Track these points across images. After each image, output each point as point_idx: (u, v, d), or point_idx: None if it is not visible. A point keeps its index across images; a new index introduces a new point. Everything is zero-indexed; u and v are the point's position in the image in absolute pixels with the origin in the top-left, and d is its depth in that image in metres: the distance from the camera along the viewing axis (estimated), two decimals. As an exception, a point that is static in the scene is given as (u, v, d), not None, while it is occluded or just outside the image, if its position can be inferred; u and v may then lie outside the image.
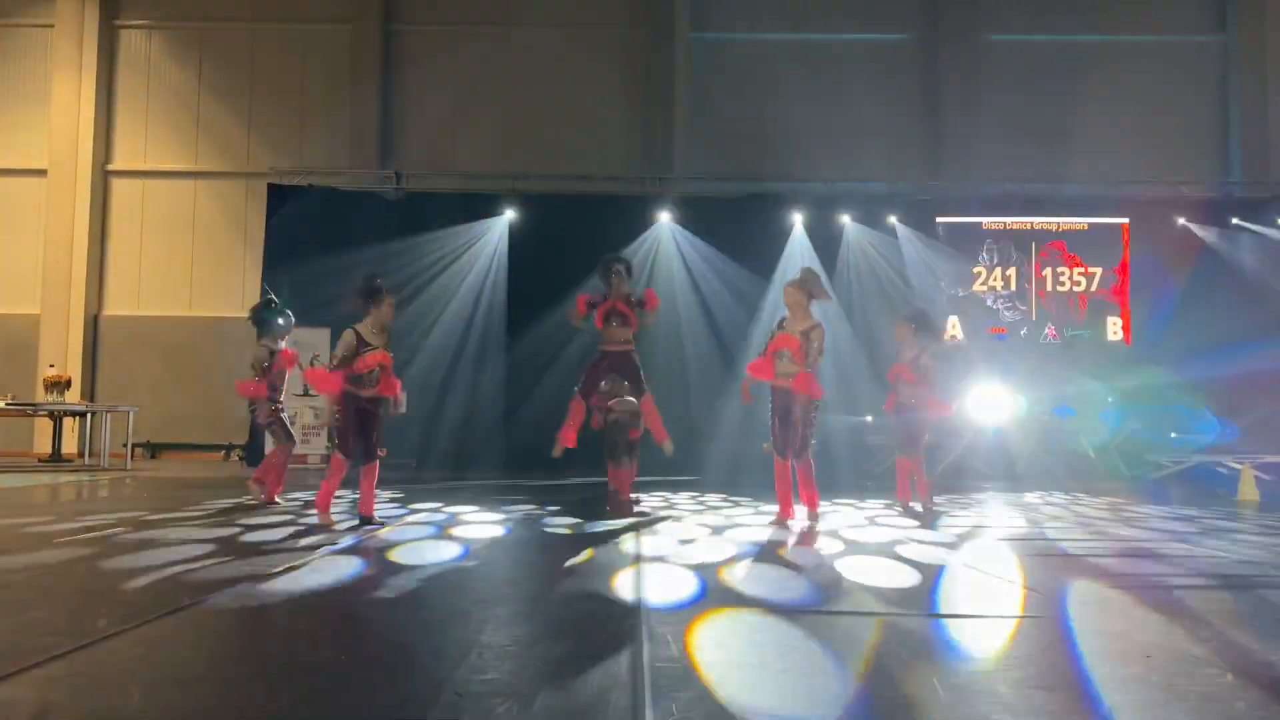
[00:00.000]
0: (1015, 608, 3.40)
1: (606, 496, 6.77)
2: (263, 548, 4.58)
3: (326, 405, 5.96)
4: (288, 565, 4.01)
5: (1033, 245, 12.55)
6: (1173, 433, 11.69)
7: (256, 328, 7.34)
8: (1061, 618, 3.18)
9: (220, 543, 4.74)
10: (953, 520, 6.29)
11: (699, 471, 10.48)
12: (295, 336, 7.63)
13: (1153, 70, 14.10)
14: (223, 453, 13.38)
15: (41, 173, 14.24)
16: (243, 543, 4.76)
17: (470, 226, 12.28)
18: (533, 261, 11.80)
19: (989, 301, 12.53)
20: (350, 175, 13.23)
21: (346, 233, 11.61)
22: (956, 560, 4.47)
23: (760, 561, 4.35)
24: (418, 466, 11.35)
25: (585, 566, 4.19)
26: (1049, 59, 14.18)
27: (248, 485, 7.17)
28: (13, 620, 2.91)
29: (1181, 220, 12.46)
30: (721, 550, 4.66)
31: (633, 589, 3.56)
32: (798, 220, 12.36)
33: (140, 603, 3.16)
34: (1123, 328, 12.39)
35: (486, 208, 12.34)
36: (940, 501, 7.54)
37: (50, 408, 11.60)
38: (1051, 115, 13.87)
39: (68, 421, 12.39)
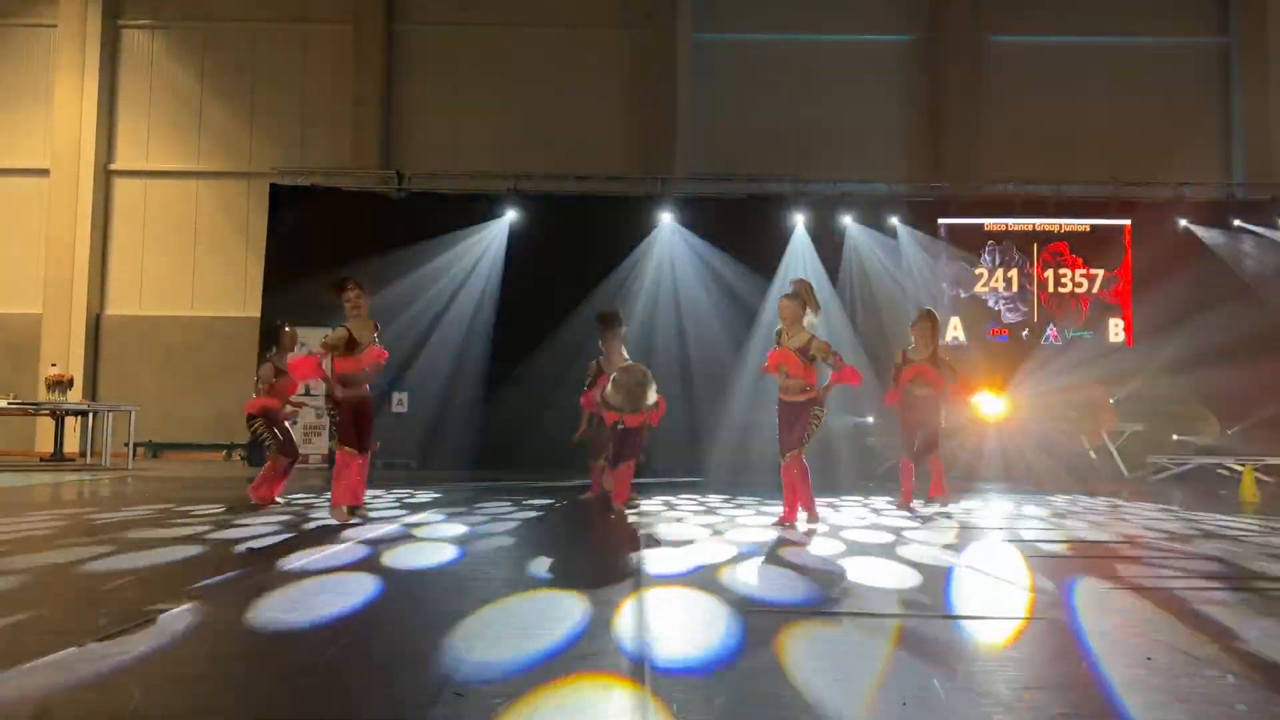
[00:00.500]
0: (1015, 609, 3.40)
1: (602, 500, 6.78)
2: (263, 547, 4.57)
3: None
4: (288, 564, 4.01)
5: (1035, 247, 12.55)
6: (1174, 433, 11.69)
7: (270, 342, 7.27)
8: (1062, 619, 3.18)
9: (221, 542, 4.74)
10: (953, 521, 6.28)
11: (701, 473, 10.48)
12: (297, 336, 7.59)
13: (1154, 72, 14.11)
14: (224, 452, 13.40)
15: (44, 172, 14.26)
16: (244, 542, 4.76)
17: (472, 226, 12.29)
18: (534, 260, 11.81)
19: (991, 303, 12.53)
20: (352, 175, 13.26)
21: (348, 233, 11.63)
22: (957, 561, 4.47)
23: (758, 563, 4.35)
24: (418, 466, 11.35)
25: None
26: (1051, 61, 14.18)
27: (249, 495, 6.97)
28: (14, 619, 2.91)
29: (1183, 222, 12.46)
30: (721, 551, 4.66)
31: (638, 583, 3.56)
32: (799, 221, 12.36)
33: (141, 601, 3.16)
34: (1124, 329, 12.39)
35: (488, 208, 12.36)
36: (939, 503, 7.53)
37: (52, 407, 11.62)
38: (1054, 117, 13.88)
39: (70, 421, 12.40)
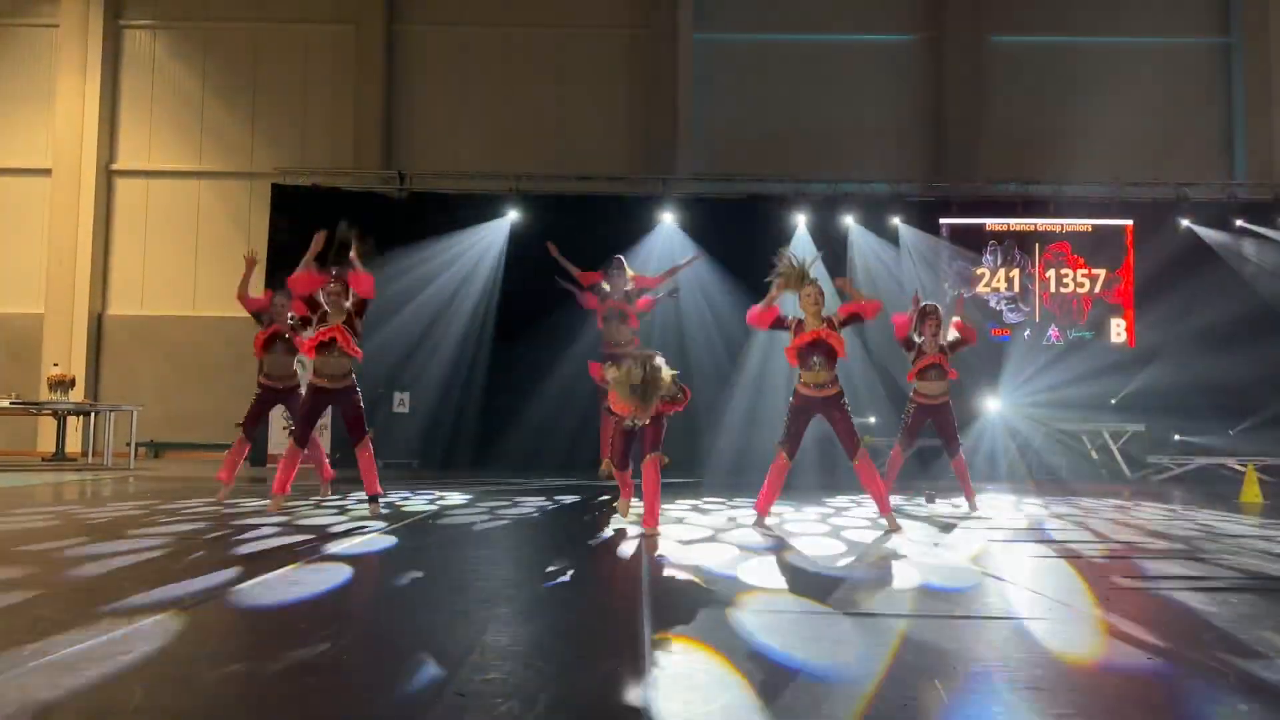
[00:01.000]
0: (1017, 608, 3.40)
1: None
2: (264, 546, 4.58)
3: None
4: (290, 563, 4.01)
5: (1036, 247, 12.54)
6: (1176, 434, 11.68)
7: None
8: (1063, 618, 3.18)
9: (223, 541, 4.75)
10: (954, 520, 6.28)
11: (700, 473, 10.48)
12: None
13: (1156, 72, 14.08)
14: (226, 452, 13.38)
15: (46, 172, 14.27)
16: (245, 541, 4.77)
17: (473, 226, 12.29)
18: (535, 261, 11.80)
19: (992, 303, 12.53)
20: (354, 175, 13.26)
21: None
22: (957, 561, 4.47)
23: (759, 562, 4.35)
24: (419, 467, 11.36)
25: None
26: (1053, 61, 14.17)
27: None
28: (15, 618, 2.92)
29: (1185, 222, 12.44)
30: (722, 552, 4.66)
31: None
32: (800, 222, 12.35)
33: (142, 600, 3.16)
34: (1126, 329, 12.37)
35: (489, 208, 12.35)
36: (940, 502, 7.54)
37: (54, 407, 11.63)
38: (1055, 117, 13.86)
39: (71, 421, 12.41)
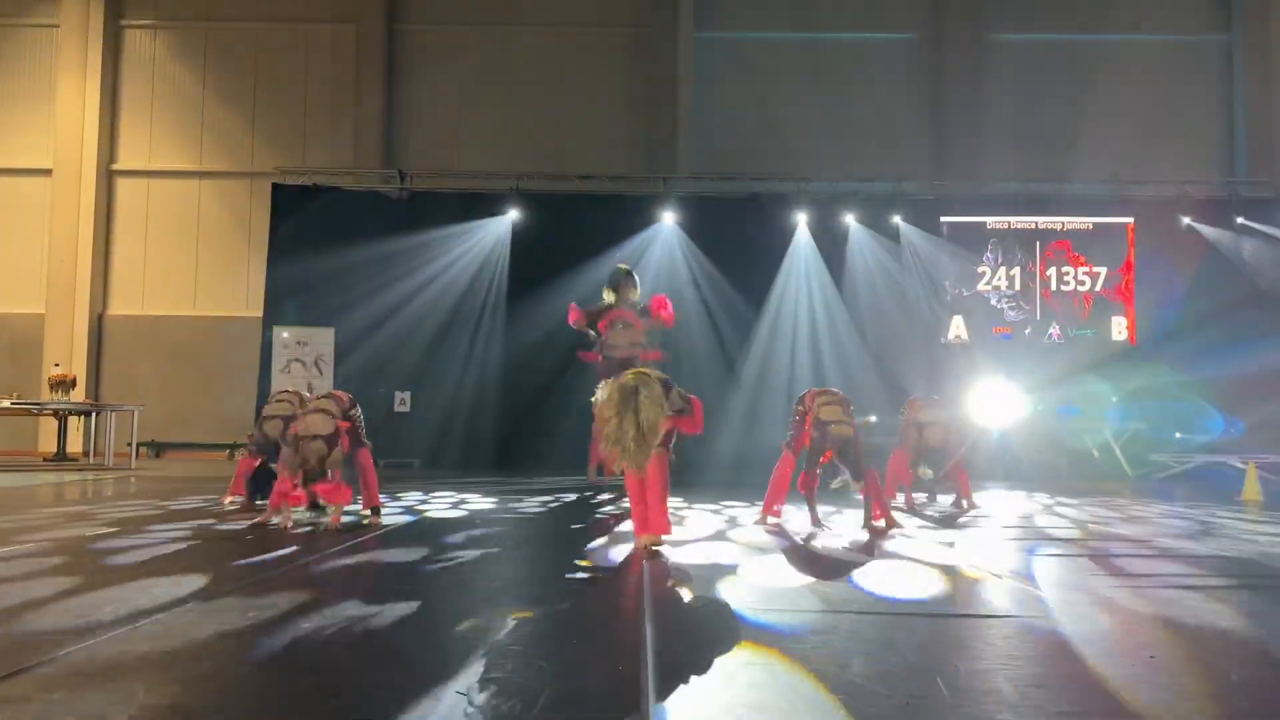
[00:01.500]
0: (1018, 607, 3.40)
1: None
2: (266, 547, 4.58)
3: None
4: (291, 564, 4.02)
5: (1037, 245, 12.54)
6: (1177, 432, 11.68)
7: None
8: (1065, 617, 3.18)
9: (222, 541, 4.75)
10: (956, 519, 6.28)
11: (701, 474, 10.47)
12: (299, 335, 7.57)
13: (1157, 69, 14.07)
14: (227, 452, 13.40)
15: (46, 172, 14.28)
16: (245, 542, 4.77)
17: (474, 226, 12.30)
18: (535, 261, 11.82)
19: (993, 301, 12.53)
20: (354, 175, 13.26)
21: (350, 232, 11.64)
22: (959, 559, 4.47)
23: (759, 561, 4.35)
24: (421, 466, 11.36)
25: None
26: (1054, 58, 14.16)
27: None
28: (16, 619, 2.92)
29: (1186, 219, 12.44)
30: (722, 551, 4.66)
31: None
32: (801, 220, 12.36)
33: (144, 600, 3.16)
34: (1127, 327, 12.37)
35: (490, 207, 12.36)
36: (941, 501, 7.53)
37: (55, 407, 11.64)
38: (1056, 115, 13.85)
39: (72, 421, 12.42)
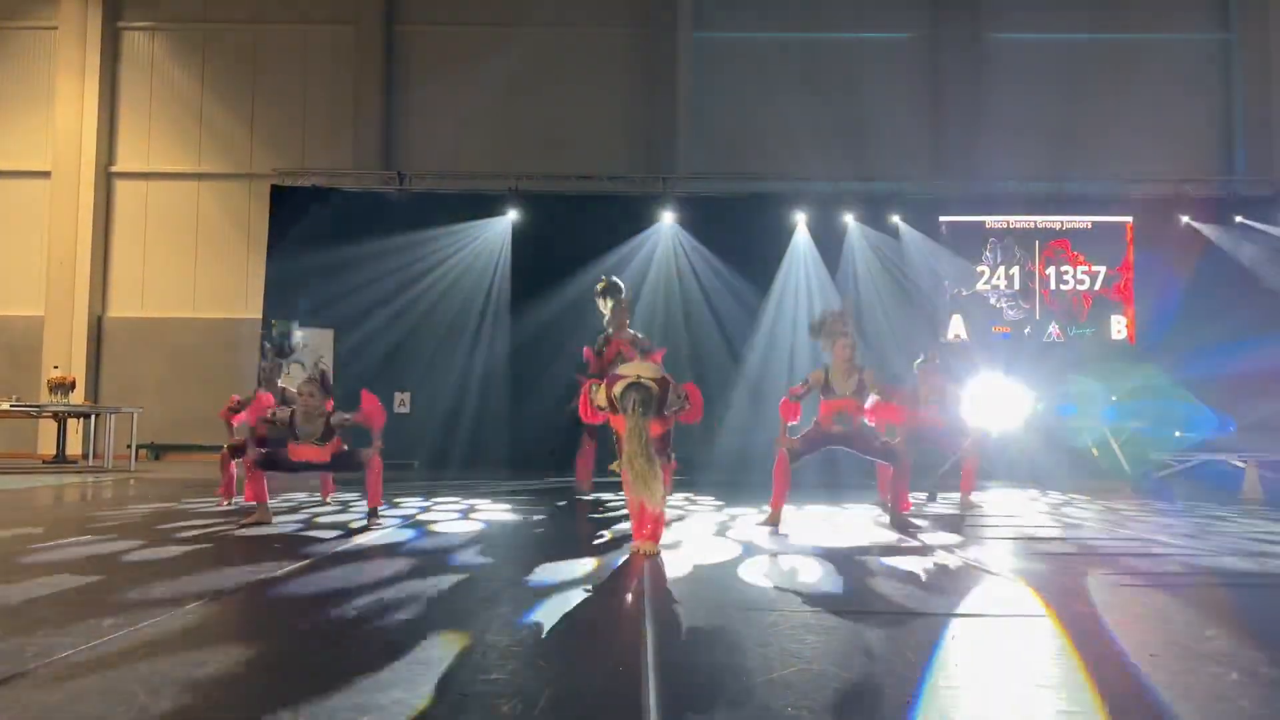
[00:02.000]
0: (1018, 606, 3.40)
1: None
2: (266, 549, 4.58)
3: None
4: (291, 566, 4.02)
5: (1036, 244, 12.54)
6: (1176, 431, 11.67)
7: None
8: (1065, 616, 3.18)
9: (223, 543, 4.75)
10: (955, 519, 6.28)
11: (701, 474, 10.47)
12: (300, 337, 7.61)
13: (1156, 68, 14.07)
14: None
15: (45, 174, 14.27)
16: (246, 544, 4.77)
17: (473, 226, 12.29)
18: (536, 261, 11.81)
19: (992, 300, 12.53)
20: (353, 176, 13.25)
21: (350, 233, 11.63)
22: (959, 558, 4.47)
23: (760, 562, 4.35)
24: (420, 468, 11.36)
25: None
26: (1052, 57, 14.15)
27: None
28: (16, 622, 2.92)
29: (1185, 218, 12.44)
30: (730, 548, 4.66)
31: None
32: (800, 220, 12.35)
33: (145, 603, 3.16)
34: (1127, 326, 12.38)
35: (489, 208, 12.35)
36: (941, 500, 7.54)
37: (54, 409, 11.63)
38: (1055, 114, 13.85)
39: (72, 423, 12.41)
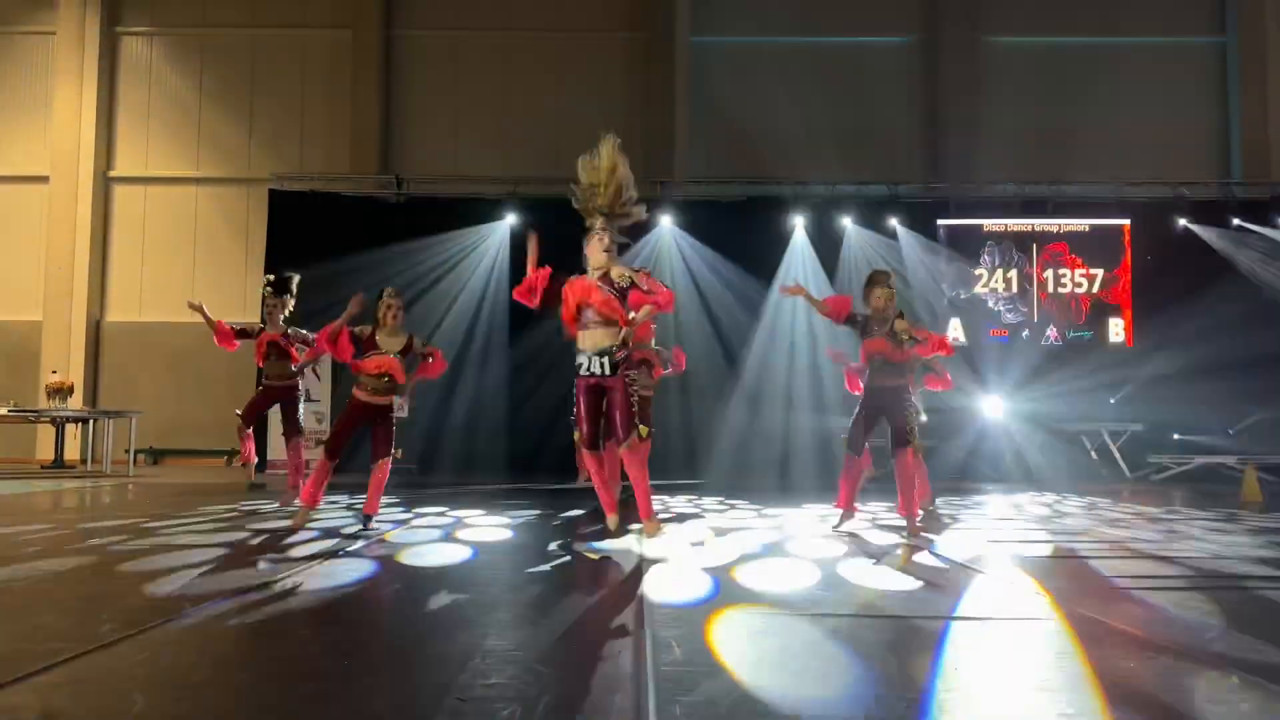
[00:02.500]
0: (1018, 610, 3.39)
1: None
2: (265, 553, 4.57)
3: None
4: (291, 571, 4.01)
5: (1034, 247, 12.56)
6: (1175, 433, 11.69)
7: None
8: (1065, 619, 3.18)
9: (223, 548, 4.74)
10: (954, 522, 6.28)
11: (701, 475, 10.48)
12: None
13: (1153, 72, 14.11)
14: (225, 458, 13.38)
15: (43, 179, 14.27)
16: (245, 547, 4.76)
17: (472, 231, 12.31)
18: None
19: (990, 304, 12.54)
20: (351, 180, 13.26)
21: (348, 238, 11.64)
22: (958, 562, 4.47)
23: (760, 563, 4.34)
24: (420, 471, 11.35)
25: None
26: (1050, 61, 14.19)
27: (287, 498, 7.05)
28: (16, 626, 2.91)
29: (1183, 221, 12.46)
30: (729, 551, 4.66)
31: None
32: (799, 223, 12.37)
33: (144, 608, 3.15)
34: (1125, 329, 12.39)
35: (488, 212, 12.37)
36: (940, 504, 7.53)
37: (53, 414, 11.61)
38: (1052, 117, 13.88)
39: (70, 428, 12.39)
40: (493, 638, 2.82)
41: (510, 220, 12.27)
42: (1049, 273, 12.51)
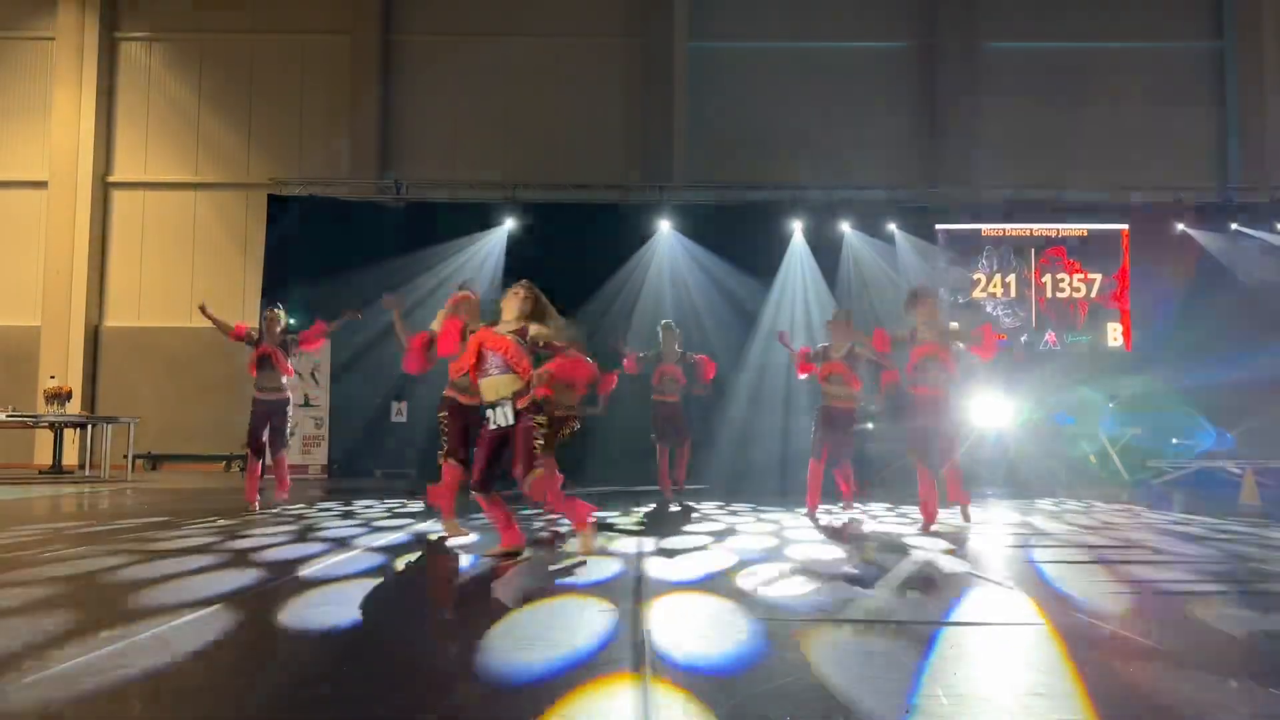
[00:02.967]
0: (1017, 614, 3.39)
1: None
2: (265, 558, 4.57)
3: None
4: (289, 575, 4.01)
5: (1032, 252, 12.57)
6: (1174, 438, 11.69)
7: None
8: (1063, 624, 3.18)
9: (222, 552, 4.74)
10: (953, 526, 6.28)
11: (700, 480, 10.47)
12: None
13: (1151, 77, 14.14)
14: (224, 464, 13.37)
15: (42, 184, 14.27)
16: (245, 551, 4.76)
17: (470, 235, 12.29)
18: (533, 270, 11.78)
19: (989, 308, 12.55)
20: (350, 185, 13.26)
21: (346, 243, 11.63)
22: (958, 567, 4.47)
23: (760, 570, 4.34)
24: (419, 478, 11.34)
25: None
26: (1048, 66, 14.22)
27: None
28: (15, 628, 2.91)
29: (1181, 226, 12.48)
30: (722, 559, 4.66)
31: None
32: (797, 228, 12.38)
33: (142, 612, 3.15)
34: (1123, 333, 12.40)
35: (486, 216, 12.36)
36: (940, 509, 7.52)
37: (51, 419, 11.61)
38: (1050, 122, 13.91)
39: (68, 433, 12.38)
40: (492, 642, 2.82)
41: (509, 224, 12.27)
42: (1047, 277, 12.52)
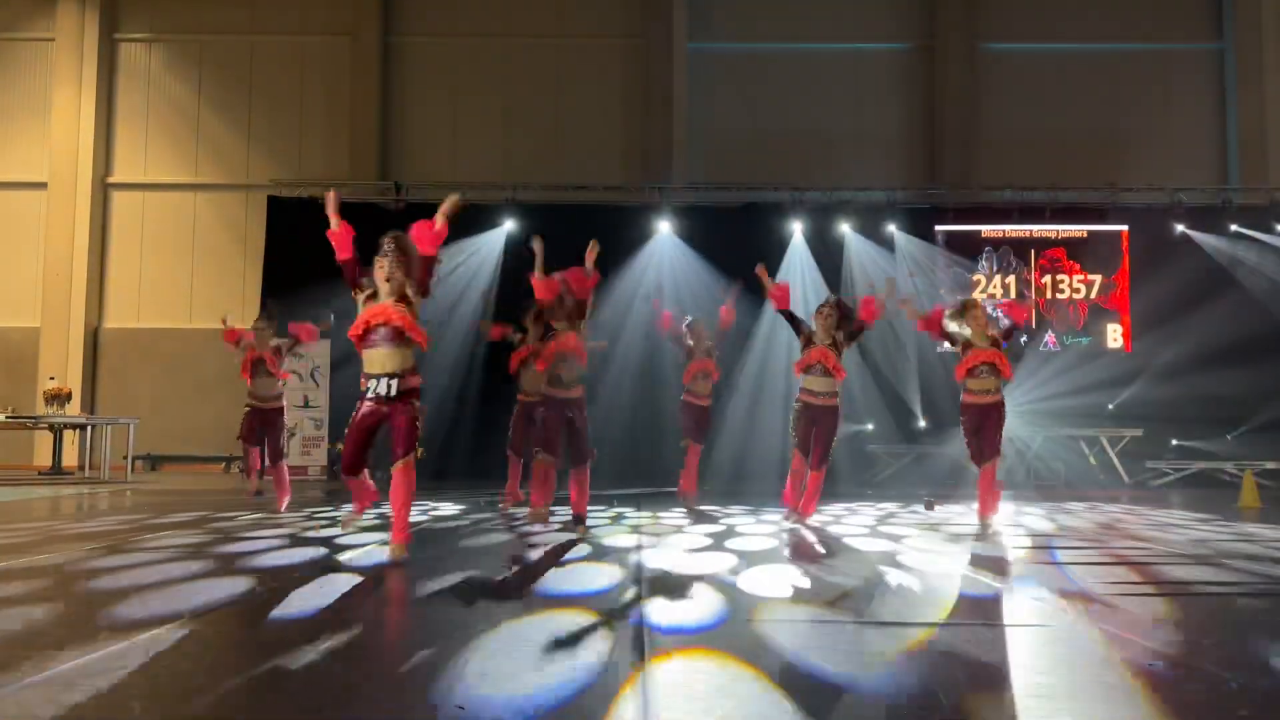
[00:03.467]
0: (1018, 615, 3.39)
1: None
2: (264, 559, 4.56)
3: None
4: (289, 577, 4.00)
5: (1032, 253, 12.57)
6: (1173, 439, 11.71)
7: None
8: (1065, 625, 3.17)
9: (222, 553, 4.73)
10: (953, 527, 6.27)
11: (700, 482, 10.45)
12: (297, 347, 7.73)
13: (1150, 78, 14.16)
14: (223, 465, 13.37)
15: (42, 186, 14.27)
16: (244, 553, 4.75)
17: (470, 237, 12.28)
18: (531, 270, 11.78)
19: (989, 309, 12.54)
20: (350, 187, 13.23)
21: (346, 244, 11.61)
22: (958, 568, 4.46)
23: (759, 569, 4.34)
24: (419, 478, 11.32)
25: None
26: (1047, 67, 14.23)
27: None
28: (12, 631, 2.90)
29: (1180, 227, 12.48)
30: (721, 559, 4.65)
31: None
32: (797, 229, 12.39)
33: (141, 614, 3.15)
34: (1123, 335, 12.40)
35: (486, 218, 12.36)
36: (939, 510, 7.52)
37: (50, 420, 11.60)
38: (1050, 123, 13.92)
39: (68, 434, 12.37)
40: (492, 642, 2.81)
41: (509, 226, 12.26)
42: (1047, 278, 12.53)
